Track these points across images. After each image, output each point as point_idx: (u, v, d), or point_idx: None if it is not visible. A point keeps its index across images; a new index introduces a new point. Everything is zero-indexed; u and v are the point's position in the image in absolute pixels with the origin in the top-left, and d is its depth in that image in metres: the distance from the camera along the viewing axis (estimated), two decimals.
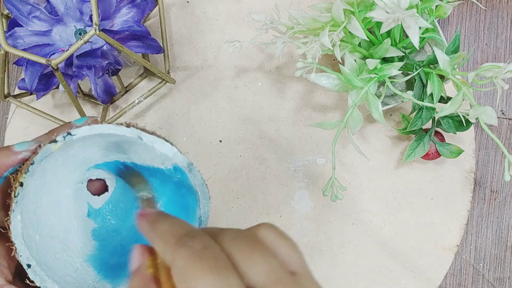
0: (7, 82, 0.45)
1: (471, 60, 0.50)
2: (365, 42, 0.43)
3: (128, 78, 0.49)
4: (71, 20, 0.42)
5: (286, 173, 0.48)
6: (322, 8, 0.41)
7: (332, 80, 0.42)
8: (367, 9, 0.40)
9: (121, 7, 0.43)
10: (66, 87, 0.40)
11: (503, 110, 0.49)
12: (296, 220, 0.48)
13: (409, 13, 0.35)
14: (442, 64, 0.40)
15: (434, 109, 0.42)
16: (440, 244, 0.48)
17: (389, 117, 0.48)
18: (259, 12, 0.48)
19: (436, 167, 0.48)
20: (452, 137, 0.47)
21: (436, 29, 0.43)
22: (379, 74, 0.41)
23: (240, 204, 0.48)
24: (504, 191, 0.48)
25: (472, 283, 0.48)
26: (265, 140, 0.49)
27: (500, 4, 0.50)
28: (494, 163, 0.49)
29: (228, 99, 0.49)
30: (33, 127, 0.49)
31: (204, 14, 0.50)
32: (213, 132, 0.49)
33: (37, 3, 0.41)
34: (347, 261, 0.47)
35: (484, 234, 0.48)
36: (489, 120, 0.39)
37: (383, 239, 0.48)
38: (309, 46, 0.40)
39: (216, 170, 0.48)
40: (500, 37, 0.49)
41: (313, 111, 0.49)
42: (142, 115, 0.49)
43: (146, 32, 0.43)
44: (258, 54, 0.49)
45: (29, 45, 0.41)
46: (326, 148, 0.48)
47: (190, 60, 0.50)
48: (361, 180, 0.48)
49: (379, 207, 0.48)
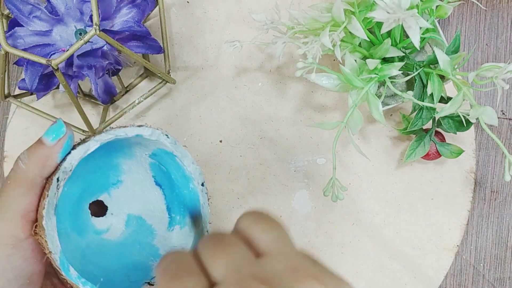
0: (7, 82, 0.45)
1: (472, 60, 0.50)
2: (366, 42, 0.43)
3: (128, 78, 0.49)
4: (71, 20, 0.42)
5: (286, 173, 0.48)
6: (322, 8, 0.41)
7: (333, 80, 0.42)
8: (368, 9, 0.40)
9: (121, 7, 0.43)
10: (66, 87, 0.40)
11: (503, 110, 0.49)
12: (297, 220, 0.48)
13: (409, 13, 0.35)
14: (442, 64, 0.40)
15: (434, 109, 0.42)
16: (440, 244, 0.48)
17: (390, 117, 0.48)
18: (260, 12, 0.48)
19: (436, 167, 0.48)
20: (453, 137, 0.47)
21: (436, 29, 0.43)
22: (379, 74, 0.41)
23: (240, 204, 0.48)
24: (505, 191, 0.48)
25: (472, 283, 0.48)
26: (265, 140, 0.49)
27: (500, 4, 0.50)
28: (495, 163, 0.49)
29: (228, 99, 0.49)
30: (33, 127, 0.49)
31: (204, 14, 0.50)
32: (213, 132, 0.49)
33: (38, 3, 0.41)
34: (347, 261, 0.47)
35: (484, 234, 0.48)
36: (490, 120, 0.39)
37: (383, 239, 0.48)
38: (309, 46, 0.40)
39: (216, 170, 0.48)
40: (501, 37, 0.49)
41: (314, 111, 0.49)
42: (142, 115, 0.49)
43: (146, 32, 0.43)
44: (258, 54, 0.49)
45: (30, 45, 0.41)
46: (327, 148, 0.48)
47: (191, 60, 0.50)
48: (361, 180, 0.48)
49: (380, 207, 0.48)
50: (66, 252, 0.31)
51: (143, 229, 0.37)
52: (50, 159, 0.29)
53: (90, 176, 0.35)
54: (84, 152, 0.30)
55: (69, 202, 0.34)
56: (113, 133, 0.31)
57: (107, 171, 0.36)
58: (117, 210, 0.37)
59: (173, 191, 0.36)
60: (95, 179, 0.35)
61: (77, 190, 0.35)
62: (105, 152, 0.34)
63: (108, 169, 0.36)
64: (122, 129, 0.31)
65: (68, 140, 0.30)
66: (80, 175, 0.34)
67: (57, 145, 0.29)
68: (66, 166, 0.29)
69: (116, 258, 0.35)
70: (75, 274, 0.29)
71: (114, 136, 0.31)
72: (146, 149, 0.35)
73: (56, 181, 0.29)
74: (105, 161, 0.35)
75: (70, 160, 0.30)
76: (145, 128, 0.32)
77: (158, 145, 0.33)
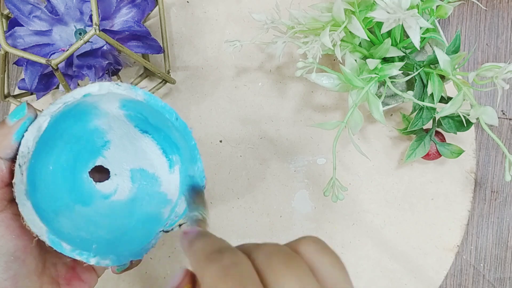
0: (7, 82, 0.45)
1: (472, 60, 0.49)
2: (366, 42, 0.43)
3: (128, 78, 0.49)
4: (71, 20, 0.42)
5: (286, 173, 0.48)
6: (322, 8, 0.41)
7: (333, 80, 0.42)
8: (368, 9, 0.40)
9: (121, 7, 0.43)
10: (66, 87, 0.40)
11: (503, 110, 0.49)
12: (297, 220, 0.48)
13: (410, 13, 0.35)
14: (442, 64, 0.40)
15: (434, 109, 0.42)
16: (440, 245, 0.48)
17: (390, 117, 0.48)
18: (260, 11, 0.48)
19: (436, 167, 0.48)
20: (453, 137, 0.47)
21: (436, 29, 0.43)
22: (379, 74, 0.41)
23: (240, 204, 0.48)
24: (505, 191, 0.48)
25: (472, 283, 0.48)
26: (265, 140, 0.49)
27: (500, 4, 0.50)
28: (495, 163, 0.49)
29: (228, 99, 0.49)
30: None
31: (204, 14, 0.50)
32: (213, 132, 0.49)
33: (38, 3, 0.41)
34: (347, 261, 0.47)
35: (484, 235, 0.48)
36: (490, 120, 0.39)
37: (383, 239, 0.48)
38: (309, 46, 0.40)
39: (216, 170, 0.48)
40: (501, 37, 0.49)
41: (314, 111, 0.49)
42: None
43: (146, 32, 0.43)
44: (258, 54, 0.49)
45: (29, 45, 0.41)
46: (327, 148, 0.48)
47: (190, 60, 0.50)
48: (361, 180, 0.48)
49: (380, 207, 0.48)
50: (67, 227, 0.31)
51: (148, 179, 0.37)
52: (6, 138, 0.29)
53: (73, 146, 0.35)
54: (36, 130, 0.30)
55: (62, 177, 0.34)
56: (59, 102, 0.30)
57: (89, 136, 0.36)
58: (118, 170, 0.37)
59: (159, 133, 0.36)
60: (81, 148, 0.35)
61: (67, 164, 0.35)
62: (75, 120, 0.33)
63: (89, 134, 0.36)
64: (68, 94, 0.31)
65: (26, 121, 0.30)
66: (61, 149, 0.34)
67: (15, 125, 0.29)
68: (23, 150, 0.29)
69: (128, 216, 0.36)
70: (68, 248, 0.29)
71: (62, 104, 0.30)
72: (114, 103, 0.34)
73: (18, 167, 0.29)
74: (80, 128, 0.35)
75: (25, 142, 0.30)
76: (92, 85, 0.31)
77: (117, 96, 0.32)
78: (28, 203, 0.29)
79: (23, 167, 0.29)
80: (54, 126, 0.31)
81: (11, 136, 0.29)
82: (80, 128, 0.35)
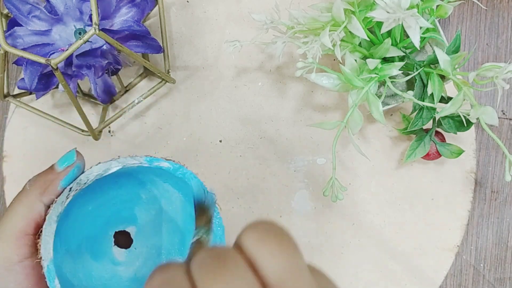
0: (7, 82, 0.45)
1: (472, 60, 0.49)
2: (366, 42, 0.43)
3: (128, 78, 0.49)
4: (70, 19, 0.42)
5: (286, 173, 0.48)
6: (322, 8, 0.41)
7: (333, 80, 0.42)
8: (368, 9, 0.40)
9: (120, 7, 0.42)
10: (65, 87, 0.40)
11: (504, 110, 0.49)
12: (296, 220, 0.48)
13: (409, 13, 0.35)
14: (442, 64, 0.40)
15: (434, 109, 0.42)
16: (440, 245, 0.47)
17: (390, 117, 0.48)
18: (259, 12, 0.48)
19: (436, 167, 0.48)
20: (453, 137, 0.47)
21: (436, 29, 0.43)
22: (379, 74, 0.41)
23: (240, 204, 0.48)
24: (505, 191, 0.48)
25: (472, 283, 0.48)
26: (265, 140, 0.49)
27: (501, 4, 0.50)
28: (495, 163, 0.48)
29: (228, 99, 0.49)
30: (32, 127, 0.49)
31: (204, 14, 0.50)
32: (213, 132, 0.49)
33: (37, 3, 0.41)
34: (347, 262, 0.47)
35: (484, 235, 0.48)
36: (490, 120, 0.39)
37: (383, 240, 0.47)
38: (309, 46, 0.40)
39: (216, 170, 0.48)
40: (501, 37, 0.49)
41: (314, 111, 0.49)
42: (142, 115, 0.49)
43: (146, 32, 0.43)
44: (258, 54, 0.49)
45: (29, 45, 0.41)
46: (327, 148, 0.48)
47: (190, 60, 0.50)
48: (361, 180, 0.48)
49: (380, 208, 0.48)
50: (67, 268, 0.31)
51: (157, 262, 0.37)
52: (52, 184, 0.29)
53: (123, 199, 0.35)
54: (104, 170, 0.30)
55: (92, 224, 0.34)
56: (138, 160, 0.30)
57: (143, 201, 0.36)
58: (140, 245, 0.36)
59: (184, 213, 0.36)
60: (128, 206, 0.35)
61: (104, 213, 0.34)
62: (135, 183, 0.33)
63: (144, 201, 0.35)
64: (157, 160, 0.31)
65: (75, 169, 0.30)
66: (112, 196, 0.34)
67: (63, 171, 0.29)
68: (82, 178, 0.29)
69: None
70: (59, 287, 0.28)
71: (139, 162, 0.30)
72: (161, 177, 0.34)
73: (68, 190, 0.29)
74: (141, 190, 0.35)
75: (87, 173, 0.29)
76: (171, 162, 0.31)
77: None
78: (54, 226, 0.29)
79: (72, 192, 0.29)
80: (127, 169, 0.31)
81: (59, 181, 0.29)
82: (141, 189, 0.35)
